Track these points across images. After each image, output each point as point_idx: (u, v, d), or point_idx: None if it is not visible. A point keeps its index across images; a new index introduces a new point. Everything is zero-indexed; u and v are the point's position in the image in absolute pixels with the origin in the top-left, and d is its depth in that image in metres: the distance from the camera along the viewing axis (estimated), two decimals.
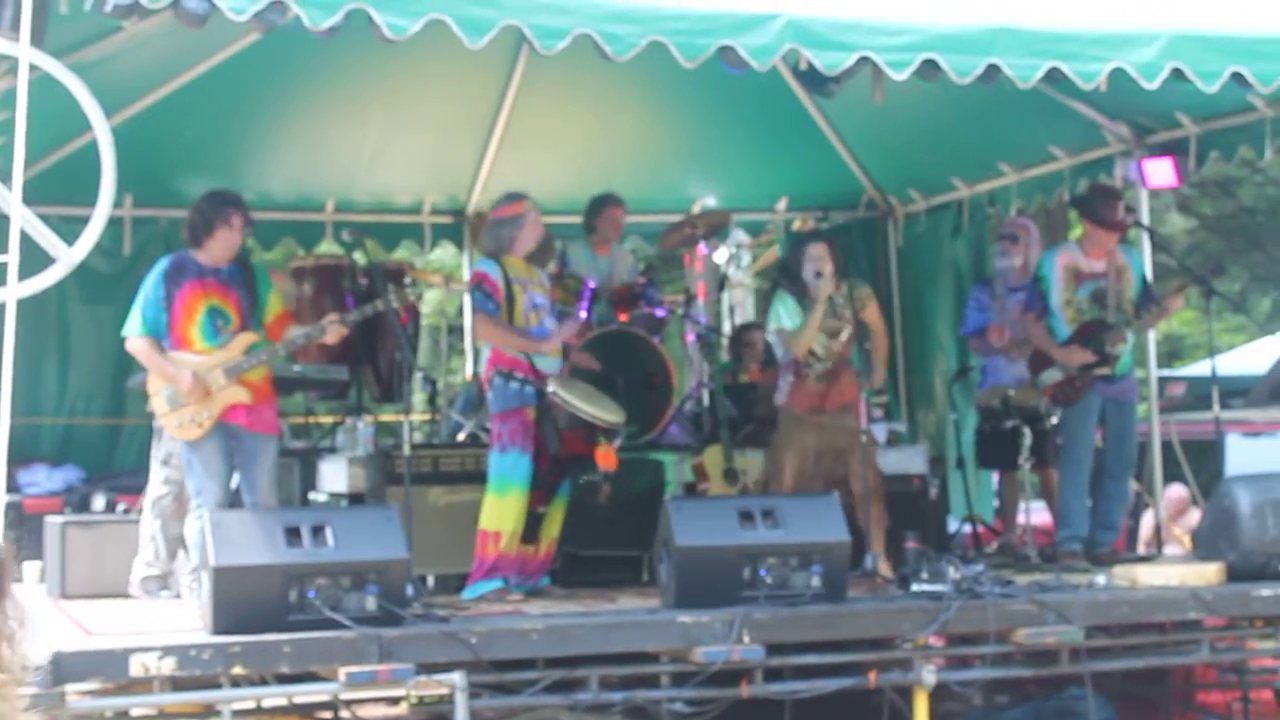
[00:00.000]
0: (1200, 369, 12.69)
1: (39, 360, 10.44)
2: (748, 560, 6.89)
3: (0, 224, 5.82)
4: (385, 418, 10.79)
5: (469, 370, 11.77)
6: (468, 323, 11.29)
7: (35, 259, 5.88)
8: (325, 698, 6.43)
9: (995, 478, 10.62)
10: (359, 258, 9.14)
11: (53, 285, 6.07)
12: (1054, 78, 6.86)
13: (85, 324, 10.58)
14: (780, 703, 6.85)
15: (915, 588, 7.22)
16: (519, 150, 11.23)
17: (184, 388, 7.38)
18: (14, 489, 9.57)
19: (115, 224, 10.32)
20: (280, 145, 10.81)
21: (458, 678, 6.21)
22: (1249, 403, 10.25)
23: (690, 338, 10.38)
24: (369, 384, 10.01)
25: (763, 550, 6.91)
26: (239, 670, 6.07)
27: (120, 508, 9.13)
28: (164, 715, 6.39)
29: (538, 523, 7.77)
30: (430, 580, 8.43)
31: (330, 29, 5.99)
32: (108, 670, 5.91)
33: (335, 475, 8.92)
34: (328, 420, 10.34)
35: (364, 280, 9.43)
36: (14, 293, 5.74)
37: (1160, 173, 9.58)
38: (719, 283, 13.60)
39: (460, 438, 9.59)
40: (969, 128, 10.25)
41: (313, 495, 9.22)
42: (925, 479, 9.56)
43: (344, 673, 6.12)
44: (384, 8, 5.99)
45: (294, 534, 6.40)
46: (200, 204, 7.69)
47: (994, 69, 6.70)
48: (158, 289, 7.50)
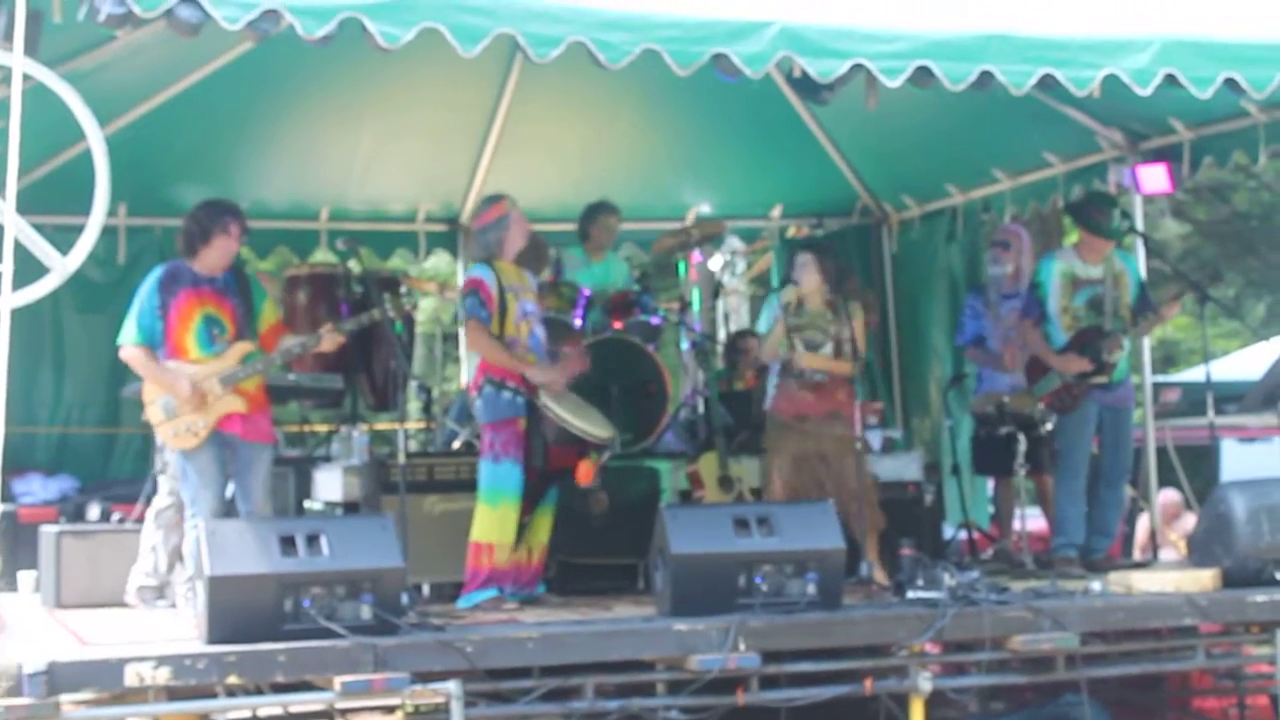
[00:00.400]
0: (1195, 375, 12.71)
1: (34, 369, 10.43)
2: (743, 568, 6.89)
3: None
4: (380, 426, 10.79)
5: (464, 378, 11.77)
6: (463, 331, 11.28)
7: (30, 268, 5.89)
8: (320, 707, 6.41)
9: (991, 484, 10.63)
10: (353, 266, 9.14)
11: (47, 294, 6.07)
12: (1047, 84, 6.87)
13: (80, 333, 10.56)
14: (776, 710, 6.85)
15: (911, 595, 7.22)
16: (513, 158, 11.23)
17: (181, 395, 7.37)
18: (9, 498, 9.57)
19: (110, 233, 10.31)
20: (274, 154, 10.80)
21: (453, 687, 6.20)
22: (1243, 408, 10.25)
23: (685, 345, 10.39)
24: (364, 392, 10.01)
25: (758, 558, 6.90)
26: (234, 680, 6.06)
27: (115, 517, 9.11)
28: None
29: (522, 531, 7.75)
30: (425, 589, 8.42)
31: (324, 38, 5.99)
32: (102, 680, 5.89)
33: (330, 484, 8.91)
34: (323, 429, 10.36)
35: (359, 289, 9.44)
36: (8, 302, 5.74)
37: (1154, 178, 9.60)
38: (714, 290, 13.59)
39: (455, 446, 9.58)
40: (963, 134, 10.25)
41: (308, 504, 9.22)
42: (920, 486, 9.58)
43: (339, 682, 6.11)
44: (378, 16, 5.99)
45: (289, 543, 6.39)
46: (197, 213, 7.67)
47: (987, 76, 6.71)
48: (152, 297, 7.49)
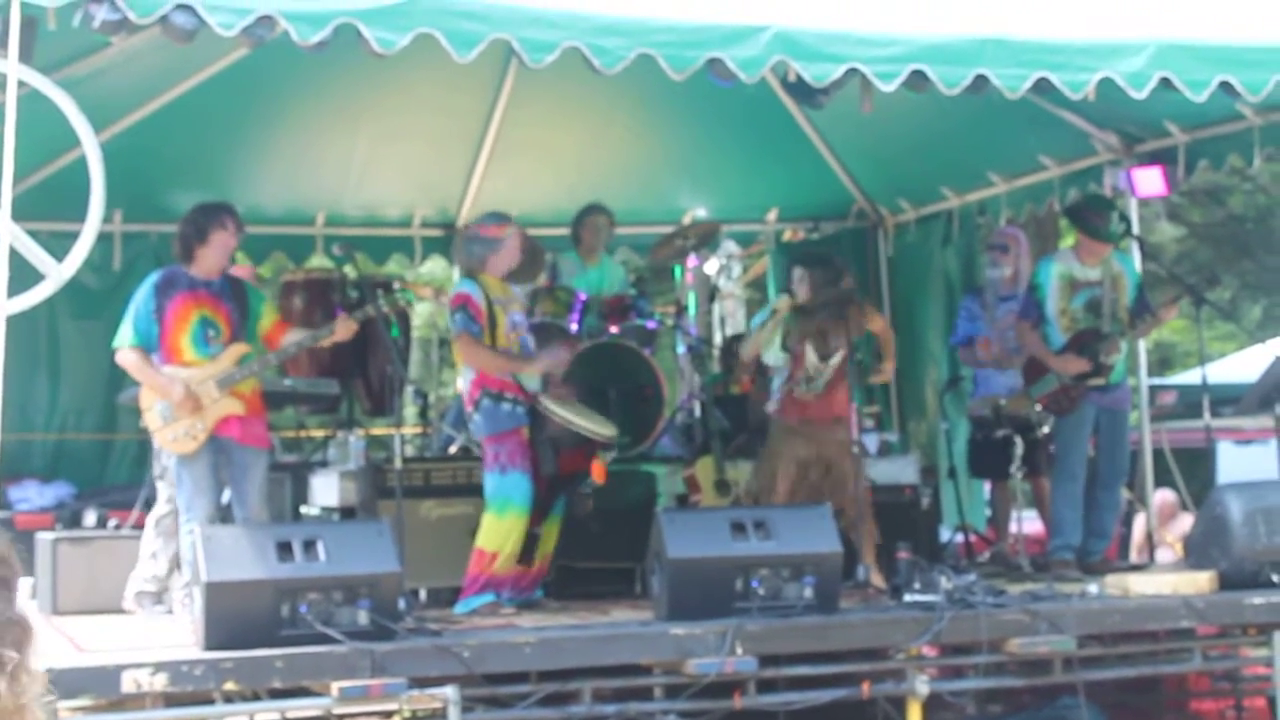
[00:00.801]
0: (1191, 377, 12.72)
1: (29, 376, 10.42)
2: (740, 572, 6.89)
3: None
4: (376, 431, 10.78)
5: (460, 383, 11.76)
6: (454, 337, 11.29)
7: (25, 275, 5.88)
8: (318, 712, 6.40)
9: (987, 487, 10.63)
10: (349, 271, 9.13)
11: (43, 301, 6.07)
12: (1042, 88, 6.87)
13: (76, 339, 10.55)
14: (774, 714, 6.85)
15: (908, 598, 7.22)
16: (509, 163, 11.23)
17: (175, 399, 7.37)
18: (5, 505, 9.58)
19: (105, 239, 10.28)
20: (270, 160, 10.80)
21: (450, 692, 6.20)
22: (1239, 410, 10.25)
23: (681, 349, 10.39)
24: (360, 397, 10.00)
25: (755, 562, 6.91)
26: (231, 686, 6.06)
27: (112, 523, 9.11)
28: None
29: (535, 543, 7.76)
30: (422, 594, 8.42)
31: (319, 43, 5.99)
32: (99, 687, 5.90)
33: (327, 489, 8.91)
34: (319, 434, 10.34)
35: (355, 294, 9.43)
36: (4, 309, 5.73)
37: (1149, 181, 9.59)
38: (710, 294, 13.59)
39: (452, 451, 9.58)
40: (958, 138, 10.26)
41: (304, 509, 9.21)
42: (917, 489, 9.57)
43: (336, 687, 6.12)
44: (373, 22, 5.99)
45: (285, 549, 6.40)
46: (192, 215, 7.70)
47: (982, 79, 6.71)
48: (149, 301, 7.50)
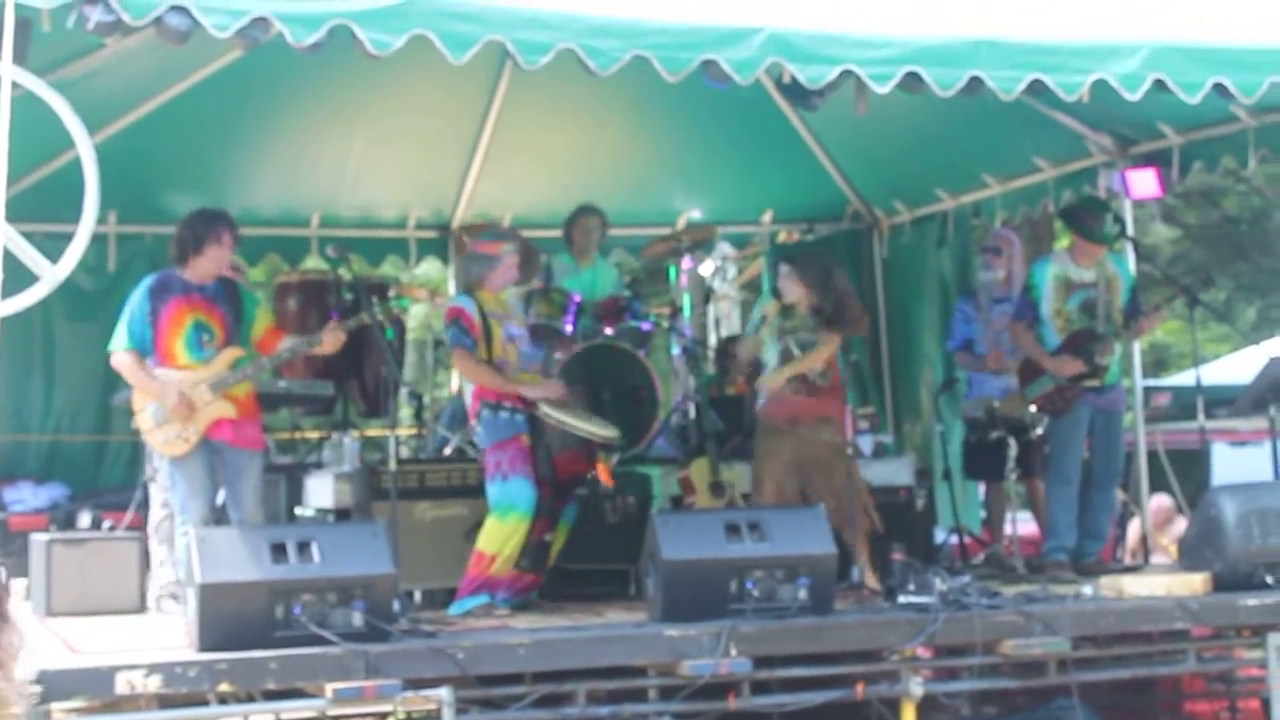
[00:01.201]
0: (1185, 379, 12.72)
1: (24, 378, 10.42)
2: (734, 573, 6.89)
3: None
4: (371, 433, 10.77)
5: (455, 385, 11.76)
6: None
7: (19, 277, 5.88)
8: (312, 714, 6.39)
9: (982, 489, 10.64)
10: (344, 273, 9.13)
11: (37, 303, 6.07)
12: (1036, 89, 6.88)
13: (70, 341, 10.55)
14: (768, 715, 6.83)
15: (902, 600, 7.23)
16: (503, 165, 11.24)
17: (169, 406, 7.37)
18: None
19: (99, 241, 10.29)
20: (264, 161, 10.79)
21: (445, 693, 6.20)
22: (1234, 412, 10.26)
23: (676, 351, 10.38)
24: (355, 399, 10.01)
25: (749, 563, 6.91)
26: (225, 687, 6.06)
27: (106, 525, 9.10)
28: None
29: (546, 551, 7.77)
30: (417, 595, 8.42)
31: (313, 45, 5.99)
32: (93, 688, 5.89)
33: (321, 491, 8.91)
34: (314, 435, 10.34)
35: (349, 296, 9.42)
36: None
37: (1144, 183, 9.61)
38: (704, 295, 13.59)
39: (447, 452, 9.58)
40: (953, 139, 10.27)
41: (299, 511, 9.21)
42: (912, 490, 9.58)
43: (330, 689, 6.11)
44: (367, 24, 5.99)
45: (280, 550, 6.40)
46: (190, 221, 7.70)
47: (976, 81, 6.72)
48: (143, 304, 7.51)
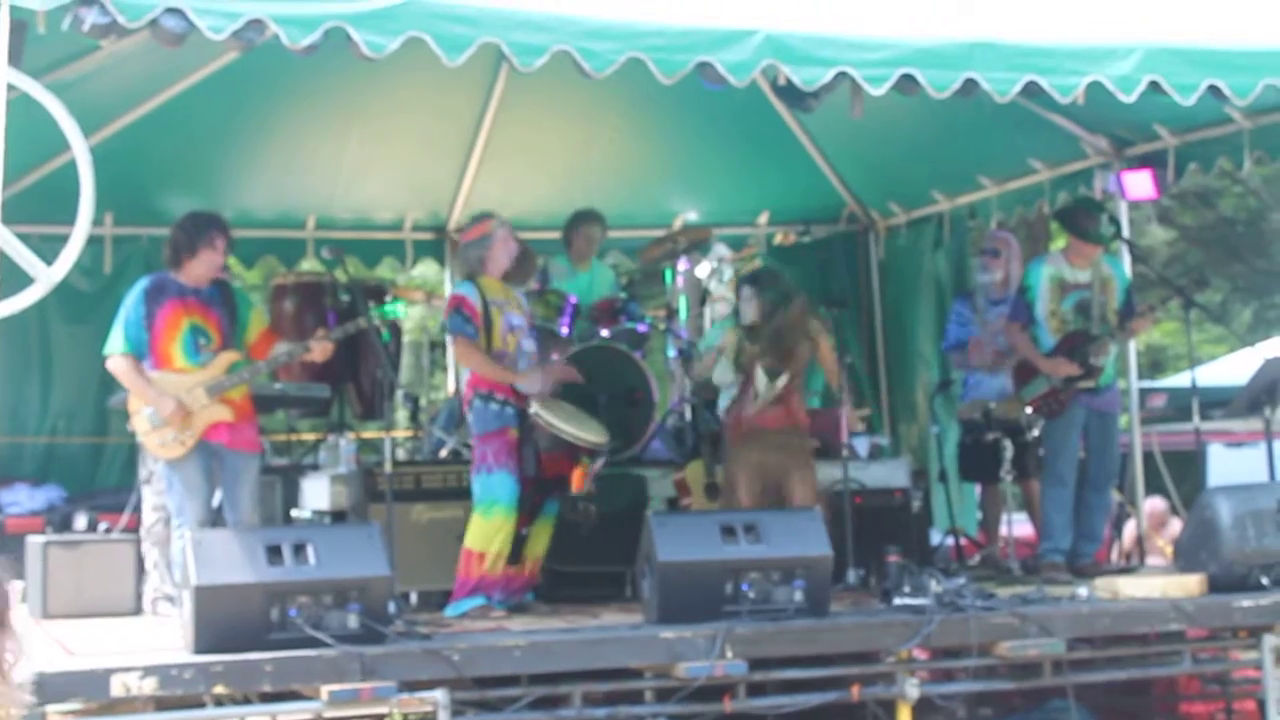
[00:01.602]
0: (1181, 380, 12.73)
1: (20, 379, 10.42)
2: (730, 575, 6.90)
3: None
4: (367, 435, 10.77)
5: (451, 386, 11.76)
6: (450, 346, 11.30)
7: (14, 279, 5.88)
8: (307, 716, 6.39)
9: (977, 490, 10.64)
10: (340, 275, 9.14)
11: (33, 305, 6.06)
12: (1031, 91, 6.88)
13: (66, 343, 10.54)
14: (763, 718, 6.83)
15: (897, 601, 7.23)
16: (500, 166, 11.24)
17: (166, 413, 7.37)
18: None
19: (96, 242, 10.29)
20: (260, 162, 10.79)
21: (440, 695, 6.20)
22: (1229, 413, 10.27)
23: (672, 353, 10.38)
24: (351, 401, 10.01)
25: (745, 565, 6.92)
26: (221, 689, 6.06)
27: (102, 527, 9.09)
28: None
29: (522, 543, 7.76)
30: (413, 597, 8.42)
31: (309, 47, 5.99)
32: (89, 690, 5.89)
33: (318, 493, 8.91)
34: (310, 438, 10.33)
35: (345, 297, 9.43)
36: None
37: (1139, 185, 9.61)
38: (700, 297, 13.59)
39: (442, 454, 9.58)
40: (948, 141, 10.28)
41: (295, 513, 9.21)
42: (907, 492, 9.57)
43: (326, 691, 6.11)
44: (362, 26, 5.99)
45: (275, 552, 6.40)
46: (183, 224, 7.69)
47: (971, 83, 6.72)
48: (138, 307, 7.50)
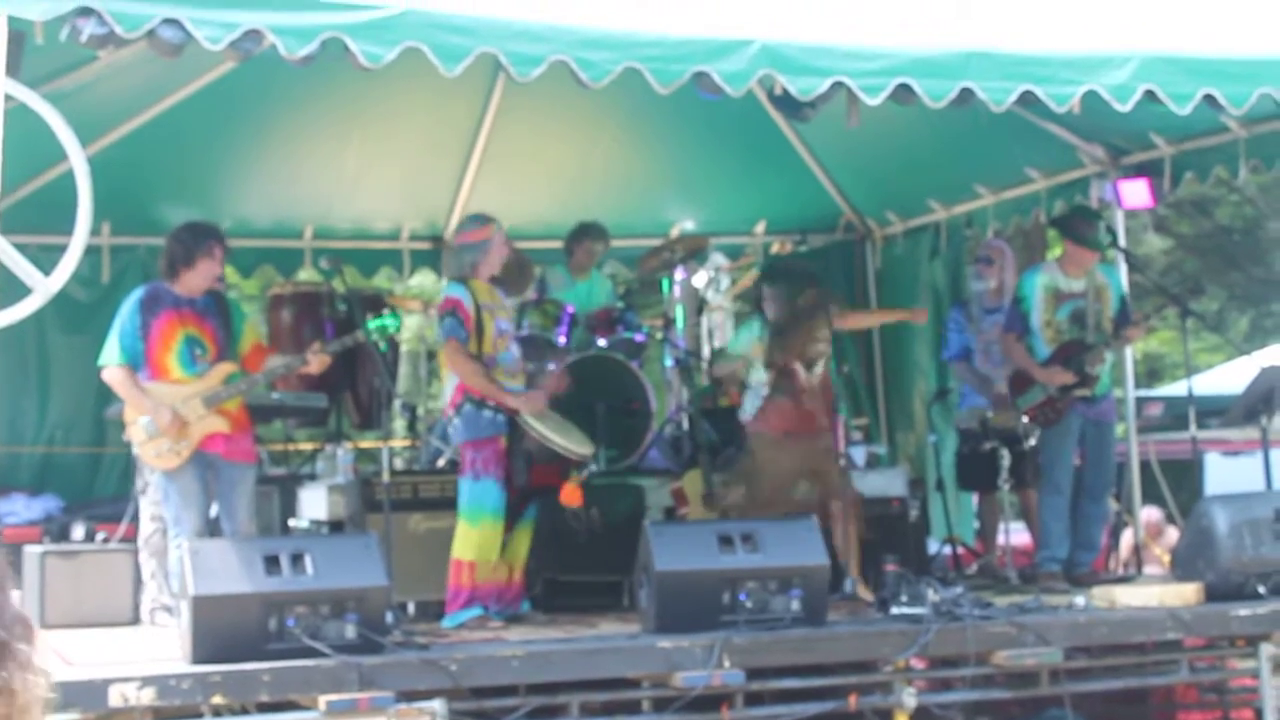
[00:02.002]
0: (1178, 389, 12.74)
1: (18, 389, 10.41)
2: (727, 585, 6.90)
3: None
4: (365, 444, 10.78)
5: (448, 396, 11.76)
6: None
7: (12, 289, 5.89)
8: None
9: (975, 499, 10.64)
10: (337, 285, 9.14)
11: (31, 314, 6.07)
12: (1027, 100, 6.89)
13: (64, 353, 10.53)
14: None
15: (895, 610, 7.23)
16: (497, 176, 11.25)
17: (163, 424, 7.37)
18: None
19: (93, 252, 10.30)
20: (258, 172, 10.81)
21: (438, 705, 6.20)
22: (1225, 422, 10.28)
23: (669, 362, 10.39)
24: (349, 411, 10.02)
25: (742, 574, 6.92)
26: (219, 700, 6.06)
27: (100, 537, 9.09)
28: None
29: (501, 549, 7.75)
30: (410, 607, 8.41)
31: (306, 57, 6.00)
32: (87, 701, 5.88)
33: (315, 502, 8.91)
34: (307, 447, 10.34)
35: (343, 307, 9.44)
36: None
37: (1135, 193, 9.62)
38: (698, 306, 13.60)
39: (440, 464, 9.58)
40: (945, 150, 10.29)
41: (293, 522, 9.21)
42: (905, 501, 9.58)
43: (324, 701, 6.11)
44: (360, 36, 6.00)
45: (273, 562, 6.40)
46: (180, 234, 7.68)
47: (968, 93, 6.73)
48: (134, 318, 7.49)
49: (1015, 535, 9.62)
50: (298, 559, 6.43)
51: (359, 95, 9.59)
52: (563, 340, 9.42)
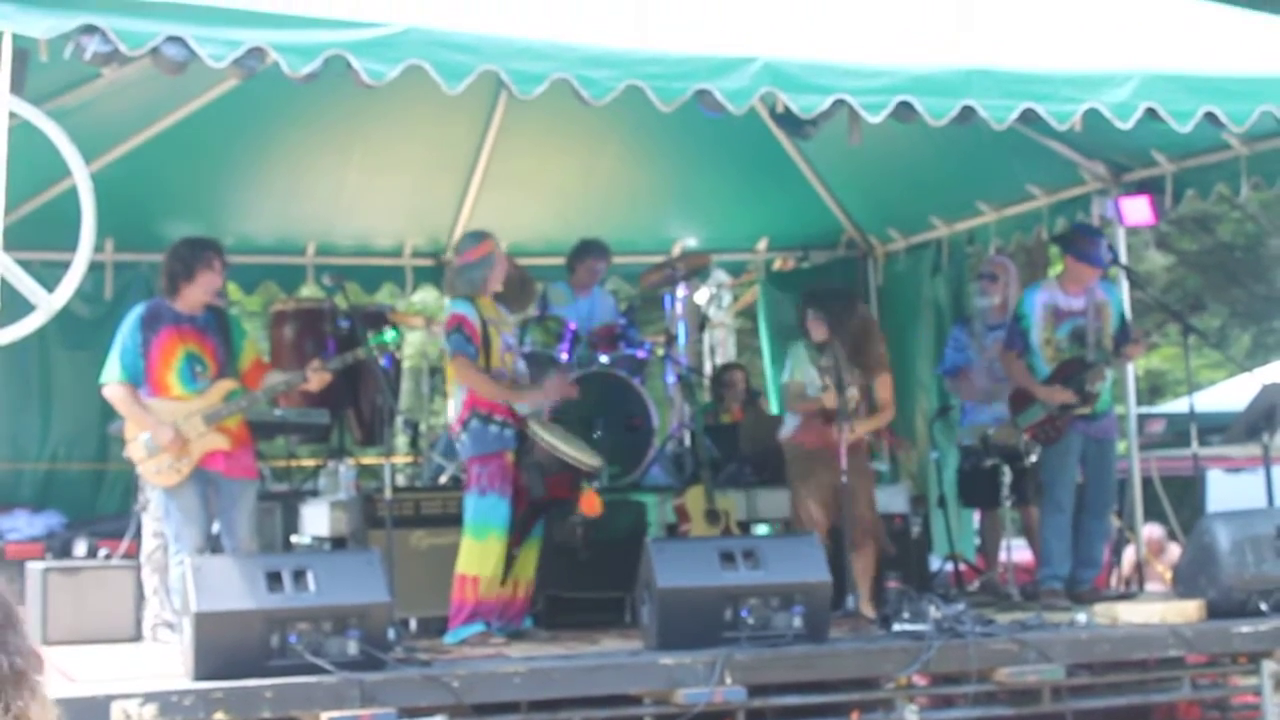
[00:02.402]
0: (1180, 405, 12.73)
1: (21, 406, 10.42)
2: (729, 601, 6.90)
3: None
4: (367, 461, 10.78)
5: (451, 413, 11.76)
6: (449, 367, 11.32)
7: (16, 305, 5.90)
8: None
9: (977, 516, 10.64)
10: (339, 301, 9.15)
11: (34, 331, 6.07)
12: (1029, 118, 6.90)
13: (67, 369, 10.52)
14: None
15: (897, 627, 7.23)
16: (499, 192, 11.26)
17: (164, 442, 7.38)
18: None
19: (96, 269, 10.30)
20: (261, 189, 10.82)
21: None
22: (1227, 439, 10.28)
23: (671, 378, 10.39)
24: (351, 427, 10.02)
25: (744, 591, 6.92)
26: (221, 716, 6.04)
27: (102, 553, 9.09)
28: None
29: (510, 564, 7.75)
30: (413, 623, 8.42)
31: (309, 75, 6.02)
32: (89, 717, 5.86)
33: (317, 519, 8.91)
34: (309, 463, 10.34)
35: (345, 324, 9.45)
36: None
37: (1137, 210, 9.63)
38: (700, 323, 13.62)
39: (442, 480, 9.59)
40: (947, 167, 10.30)
41: (295, 539, 9.21)
42: (907, 518, 9.59)
43: (326, 717, 6.10)
44: (362, 53, 6.01)
45: (275, 578, 6.40)
46: (178, 250, 7.68)
47: (969, 110, 6.75)
48: (134, 335, 7.50)
49: (1017, 552, 9.61)
50: (300, 575, 6.43)
51: (361, 112, 9.61)
52: (565, 357, 9.43)
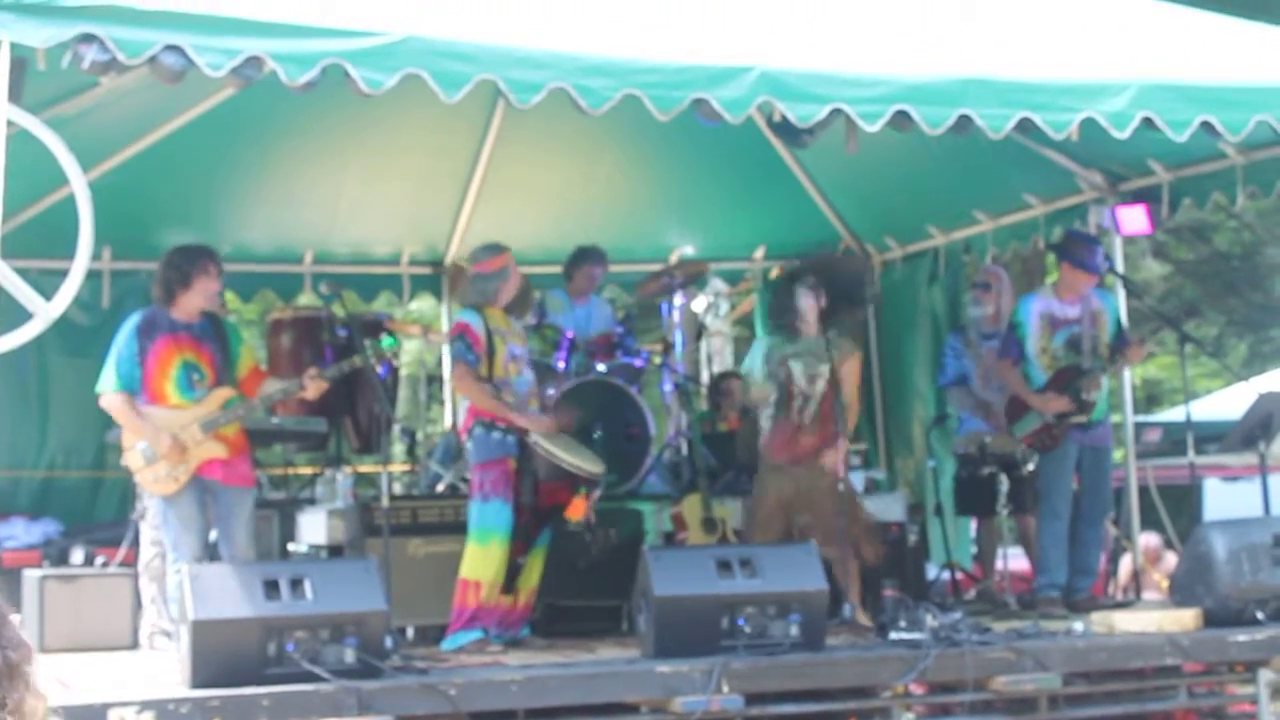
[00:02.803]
0: (1177, 414, 12.76)
1: (18, 414, 10.43)
2: (726, 610, 6.91)
3: None
4: (364, 469, 10.78)
5: (448, 421, 11.77)
6: (448, 373, 11.31)
7: (13, 314, 5.90)
8: None
9: (973, 524, 10.64)
10: (337, 310, 9.16)
11: (32, 339, 6.08)
12: (1025, 127, 6.92)
13: (65, 377, 10.51)
14: None
15: (893, 636, 7.23)
16: (497, 201, 11.27)
17: (162, 450, 7.38)
18: None
19: (94, 277, 10.31)
20: (258, 197, 10.83)
21: None
22: (1224, 448, 10.29)
23: (668, 387, 10.39)
24: (348, 435, 10.02)
25: (741, 599, 6.92)
26: None
27: (99, 561, 9.09)
28: None
29: (516, 572, 7.77)
30: (410, 632, 8.42)
31: (307, 84, 6.02)
32: None
33: (314, 527, 8.91)
34: (307, 471, 10.34)
35: (343, 332, 9.45)
36: None
37: (1134, 219, 9.64)
38: (697, 331, 13.62)
39: (439, 489, 9.59)
40: (944, 176, 10.31)
41: (292, 547, 9.21)
42: (904, 526, 9.60)
43: None
44: (360, 62, 6.02)
45: (272, 587, 6.40)
46: (173, 259, 7.68)
47: (966, 119, 6.75)
48: (130, 344, 7.50)
49: (1014, 560, 9.63)
50: (297, 584, 6.43)
51: (359, 121, 9.62)
52: (562, 365, 9.44)
